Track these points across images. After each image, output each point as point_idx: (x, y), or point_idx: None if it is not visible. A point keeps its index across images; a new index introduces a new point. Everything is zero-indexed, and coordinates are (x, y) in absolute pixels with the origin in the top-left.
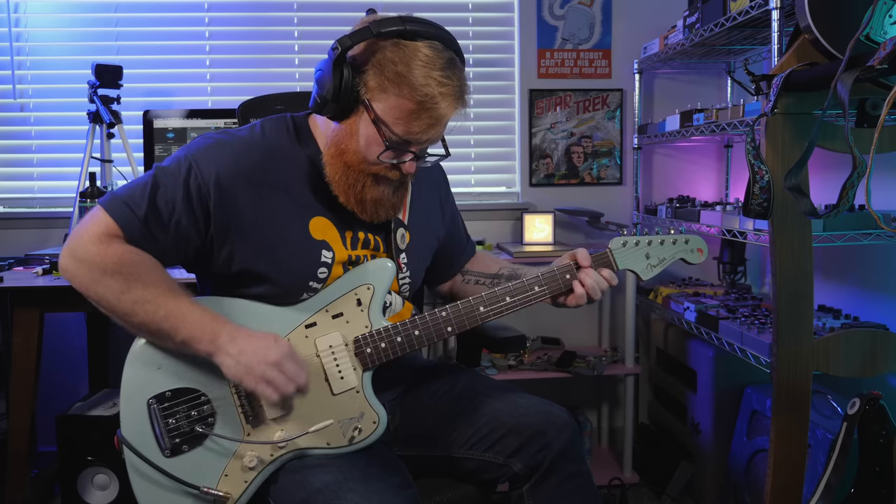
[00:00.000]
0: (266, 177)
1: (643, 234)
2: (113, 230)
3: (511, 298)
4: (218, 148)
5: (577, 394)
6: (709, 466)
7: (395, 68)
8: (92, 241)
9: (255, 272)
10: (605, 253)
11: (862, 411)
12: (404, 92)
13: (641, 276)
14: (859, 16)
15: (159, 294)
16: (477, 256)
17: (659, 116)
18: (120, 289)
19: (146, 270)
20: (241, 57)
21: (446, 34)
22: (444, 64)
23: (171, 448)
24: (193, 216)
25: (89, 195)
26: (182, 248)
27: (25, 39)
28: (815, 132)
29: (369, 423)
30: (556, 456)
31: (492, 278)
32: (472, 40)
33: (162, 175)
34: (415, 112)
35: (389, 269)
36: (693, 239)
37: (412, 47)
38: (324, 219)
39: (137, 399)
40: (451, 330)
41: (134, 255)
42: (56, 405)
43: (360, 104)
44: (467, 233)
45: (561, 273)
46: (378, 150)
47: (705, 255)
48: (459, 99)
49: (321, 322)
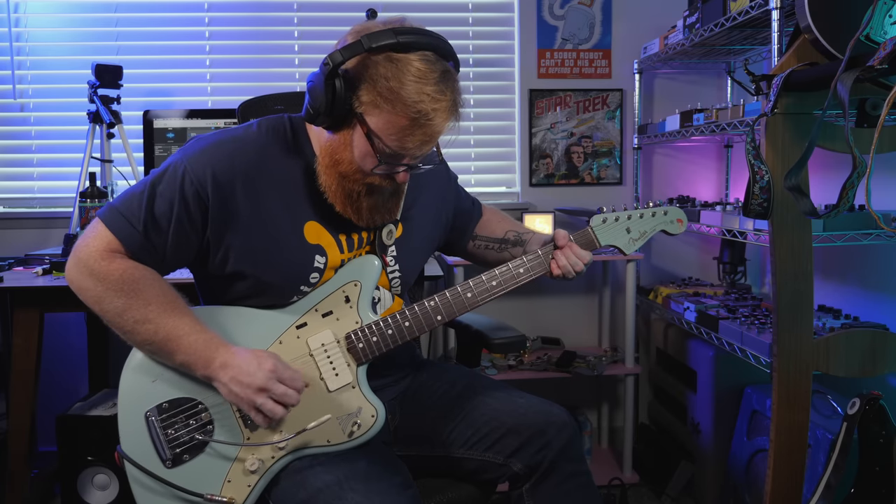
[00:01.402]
0: (262, 177)
1: (622, 210)
2: (114, 245)
3: (496, 283)
4: (213, 148)
5: (577, 394)
6: (709, 466)
7: (388, 84)
8: (94, 257)
9: (247, 273)
10: (587, 231)
11: (862, 411)
12: (398, 108)
13: (624, 250)
14: (859, 16)
15: (159, 313)
16: (485, 217)
17: (659, 116)
18: (122, 307)
19: (147, 286)
20: (241, 57)
21: (440, 42)
22: (438, 77)
23: (173, 458)
24: (192, 221)
25: (89, 195)
26: (183, 253)
27: (25, 39)
28: (815, 132)
29: (367, 416)
30: (556, 456)
31: (499, 243)
32: (472, 40)
33: (158, 183)
34: (408, 128)
35: (375, 265)
36: (671, 210)
37: (405, 61)
38: (318, 223)
39: (135, 412)
40: (441, 318)
41: (135, 271)
42: (56, 405)
43: (353, 117)
44: (469, 196)
45: (545, 255)
46: (372, 163)
47: (685, 224)
48: (454, 112)
49: (311, 321)
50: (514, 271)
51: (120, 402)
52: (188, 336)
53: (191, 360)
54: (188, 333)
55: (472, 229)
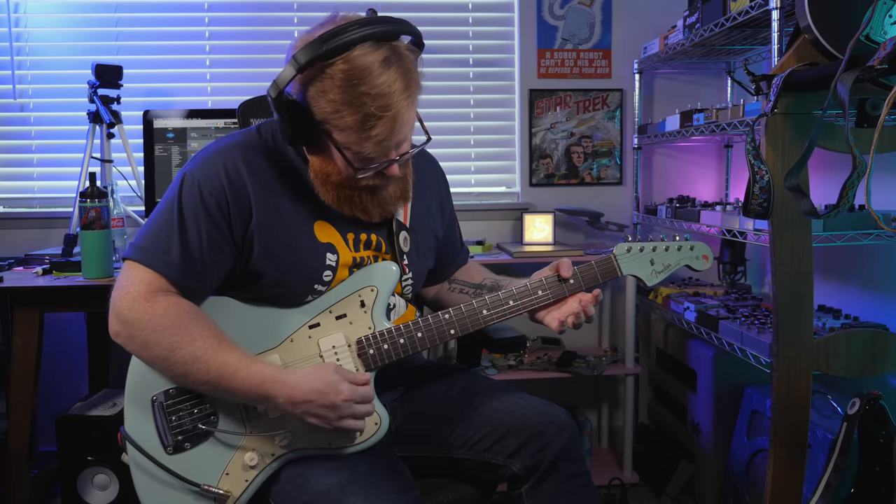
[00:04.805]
0: (271, 178)
1: (647, 241)
2: (156, 283)
3: (514, 303)
4: (219, 154)
5: (577, 394)
6: (709, 466)
7: (329, 97)
8: (137, 300)
9: (262, 273)
10: (609, 258)
11: (862, 411)
12: (350, 117)
13: (646, 282)
14: (859, 16)
15: (206, 349)
16: (468, 265)
17: (659, 116)
18: (171, 347)
19: (191, 322)
20: (241, 57)
21: (377, 24)
22: (380, 66)
23: (174, 445)
24: (220, 230)
25: (89, 195)
26: (220, 267)
27: (25, 39)
28: (815, 132)
29: (371, 424)
30: (556, 456)
31: (475, 288)
32: (472, 40)
33: (177, 205)
34: (371, 128)
35: (394, 272)
36: (698, 245)
37: (339, 67)
38: (326, 223)
39: (141, 396)
40: (454, 332)
41: (178, 307)
42: (56, 405)
43: (322, 133)
44: (462, 240)
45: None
46: (356, 170)
47: (710, 262)
48: (408, 91)
49: (325, 323)
50: (532, 292)
51: (128, 385)
52: (239, 372)
53: (249, 397)
54: (239, 369)
55: (454, 270)
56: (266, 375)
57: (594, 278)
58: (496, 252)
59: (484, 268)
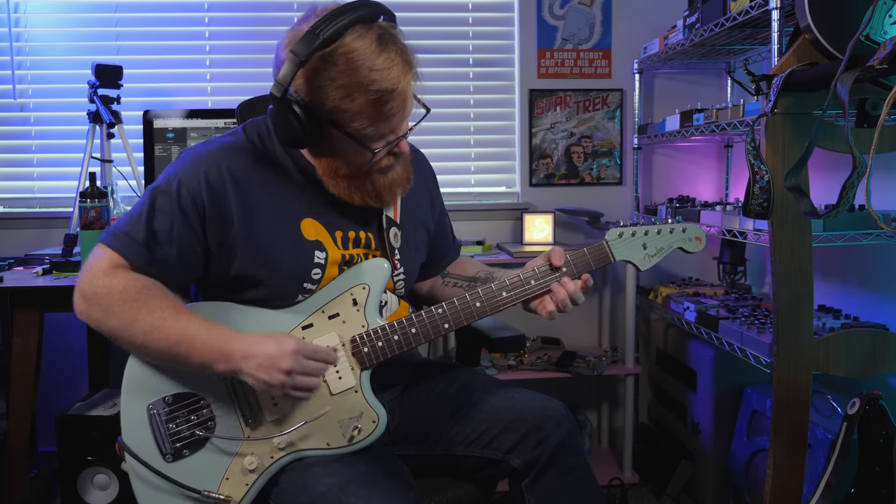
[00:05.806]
0: (253, 179)
1: (639, 225)
2: (116, 261)
3: (507, 294)
4: (202, 157)
5: (577, 394)
6: (709, 466)
7: (338, 83)
8: (97, 275)
9: (250, 275)
10: (602, 245)
11: (862, 411)
12: (360, 100)
13: (640, 266)
14: (859, 16)
15: (165, 317)
16: (460, 259)
17: (659, 116)
18: (128, 319)
19: (150, 295)
20: (241, 57)
21: (359, 9)
22: (378, 45)
23: (173, 453)
24: (193, 230)
25: (89, 195)
26: (190, 265)
27: (25, 39)
28: (815, 132)
29: (369, 422)
30: (555, 450)
31: (468, 281)
32: (472, 40)
33: (154, 199)
34: (381, 108)
35: (385, 268)
36: (690, 227)
37: (340, 52)
38: (313, 220)
39: (138, 405)
40: (448, 327)
41: (137, 282)
42: (56, 405)
43: (329, 127)
44: (454, 234)
45: (554, 270)
46: (369, 154)
47: (703, 243)
48: (408, 66)
49: (317, 323)
50: (525, 283)
51: (123, 394)
52: (199, 336)
53: (208, 358)
54: (198, 333)
55: (446, 264)
56: (224, 335)
57: (587, 265)
58: (496, 252)
59: (477, 261)
